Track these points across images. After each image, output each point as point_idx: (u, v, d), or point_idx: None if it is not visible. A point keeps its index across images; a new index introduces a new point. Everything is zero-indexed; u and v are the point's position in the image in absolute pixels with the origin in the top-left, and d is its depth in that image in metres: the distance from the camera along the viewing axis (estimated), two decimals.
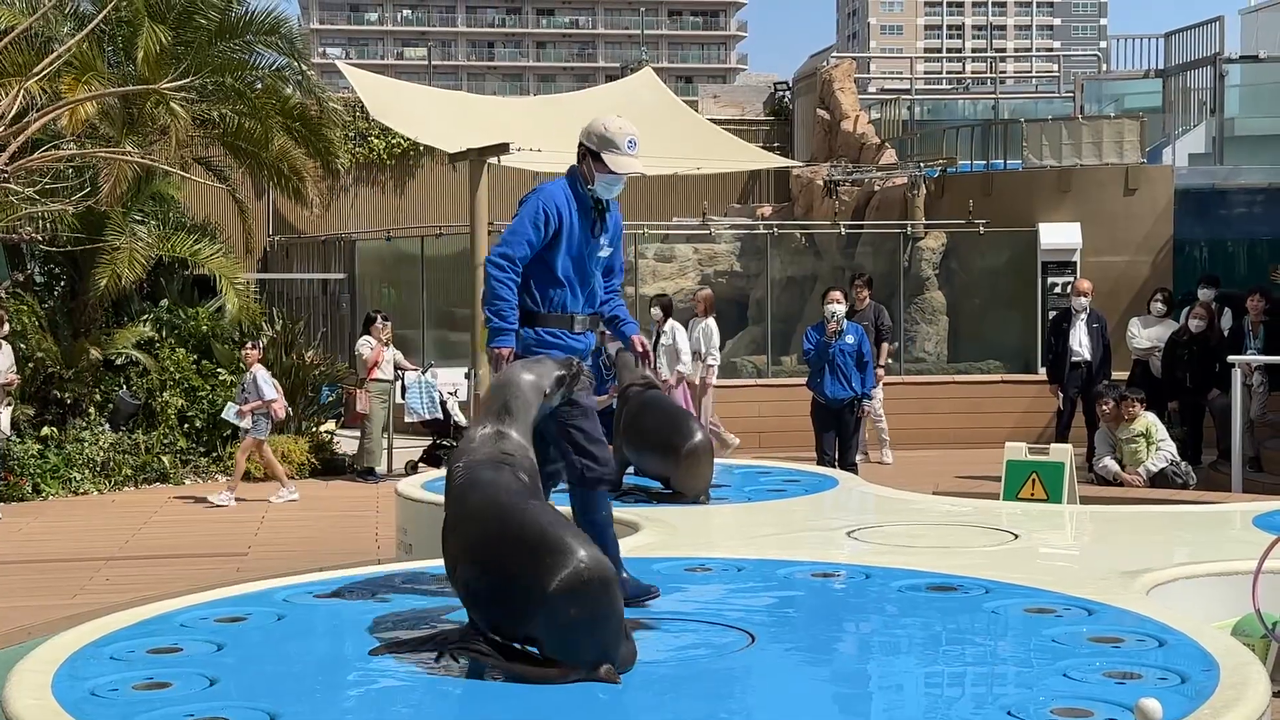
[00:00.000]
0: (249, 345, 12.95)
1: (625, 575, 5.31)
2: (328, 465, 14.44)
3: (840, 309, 11.45)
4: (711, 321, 14.19)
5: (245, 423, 12.54)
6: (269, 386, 12.55)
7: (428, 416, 14.27)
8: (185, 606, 5.36)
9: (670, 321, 13.71)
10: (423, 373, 14.44)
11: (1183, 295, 15.11)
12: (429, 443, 14.52)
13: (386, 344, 14.20)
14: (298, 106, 16.36)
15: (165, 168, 13.31)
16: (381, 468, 14.12)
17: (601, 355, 9.72)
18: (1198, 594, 6.01)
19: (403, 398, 14.19)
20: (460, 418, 14.50)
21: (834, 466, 10.95)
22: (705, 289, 15.12)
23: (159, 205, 15.44)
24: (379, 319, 14.26)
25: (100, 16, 13.03)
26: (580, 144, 5.44)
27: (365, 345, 14.09)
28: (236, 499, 12.49)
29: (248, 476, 13.89)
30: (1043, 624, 5.02)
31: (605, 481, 5.35)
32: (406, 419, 14.35)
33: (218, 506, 12.28)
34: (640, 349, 5.72)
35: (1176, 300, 14.77)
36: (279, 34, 15.85)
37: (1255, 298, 13.54)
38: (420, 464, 13.81)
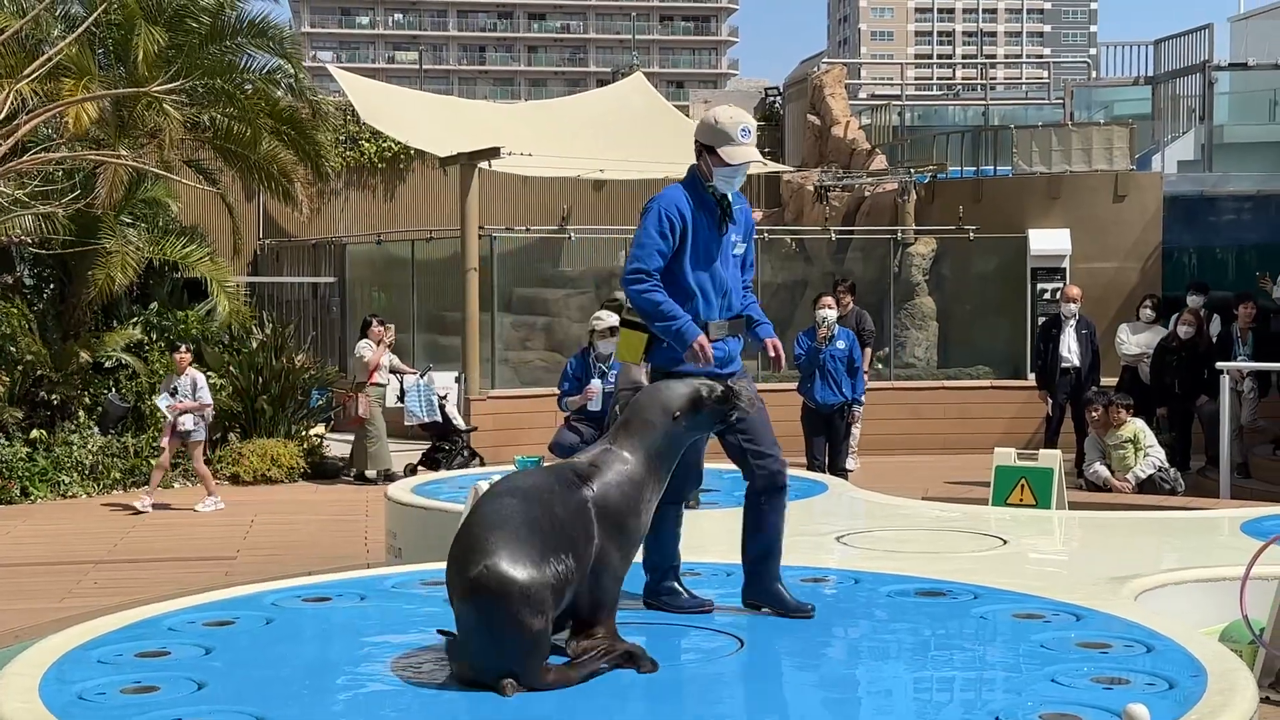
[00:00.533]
0: (182, 349, 12.70)
1: (678, 586, 5.30)
2: (318, 469, 14.43)
3: (831, 314, 11.48)
4: None
5: (188, 422, 12.39)
6: (207, 390, 12.55)
7: (426, 419, 14.27)
8: (173, 610, 5.34)
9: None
10: (421, 376, 14.44)
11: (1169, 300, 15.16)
12: (428, 446, 14.50)
13: (390, 347, 14.24)
14: (288, 109, 16.36)
15: (155, 171, 13.30)
16: (372, 471, 14.09)
17: (593, 353, 9.74)
18: (1186, 600, 6.02)
19: (401, 401, 14.18)
20: (459, 421, 14.49)
21: (824, 471, 10.96)
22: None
23: (150, 209, 15.43)
24: (375, 322, 14.24)
25: (91, 19, 13.03)
26: (695, 141, 5.29)
27: (366, 348, 14.04)
28: (223, 500, 12.47)
29: (237, 480, 13.90)
30: (1031, 629, 5.03)
31: (777, 488, 5.28)
32: (406, 422, 14.33)
33: (203, 513, 12.22)
34: (773, 353, 5.35)
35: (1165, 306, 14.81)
36: (268, 36, 15.86)
37: (1248, 305, 13.59)
38: (419, 467, 13.79)
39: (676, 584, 5.33)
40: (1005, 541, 7.16)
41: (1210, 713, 3.99)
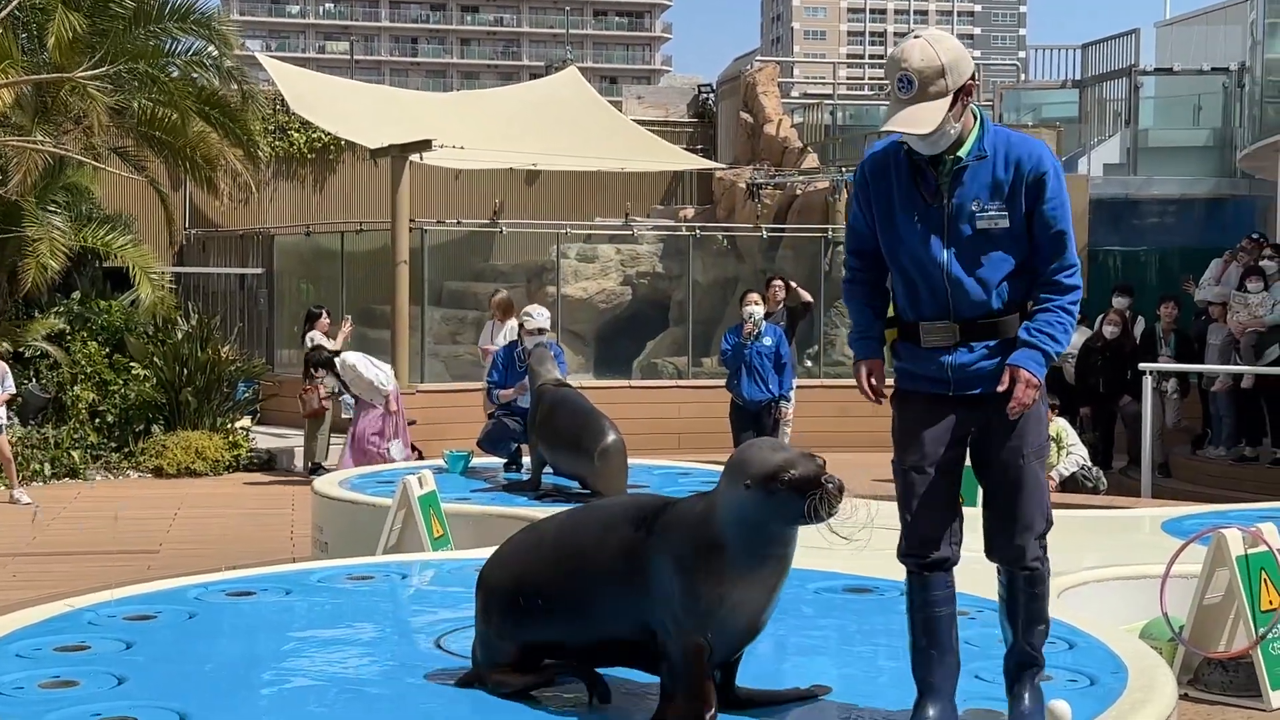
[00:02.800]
0: None
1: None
2: (245, 462, 14.29)
3: (758, 311, 11.39)
4: (513, 323, 13.15)
5: (0, 415, 12.14)
6: (11, 378, 12.35)
7: None
8: (94, 604, 5.27)
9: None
10: None
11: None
12: None
13: (348, 339, 14.13)
14: (216, 94, 16.15)
15: (79, 157, 13.10)
16: (301, 463, 13.99)
17: (518, 348, 9.68)
18: (1107, 597, 6.10)
19: (338, 394, 14.07)
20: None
21: None
22: (500, 292, 14.15)
23: (72, 196, 15.19)
24: (324, 314, 14.07)
25: (14, 3, 12.79)
26: None
27: (321, 341, 13.85)
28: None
29: (160, 472, 13.73)
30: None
31: (1026, 570, 4.01)
32: (344, 415, 14.22)
33: (27, 504, 11.91)
34: (1004, 384, 3.81)
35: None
36: (193, 20, 15.65)
37: (1169, 305, 13.80)
38: None
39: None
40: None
41: (1131, 709, 4.05)
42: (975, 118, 3.84)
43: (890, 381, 4.01)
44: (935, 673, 3.94)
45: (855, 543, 3.78)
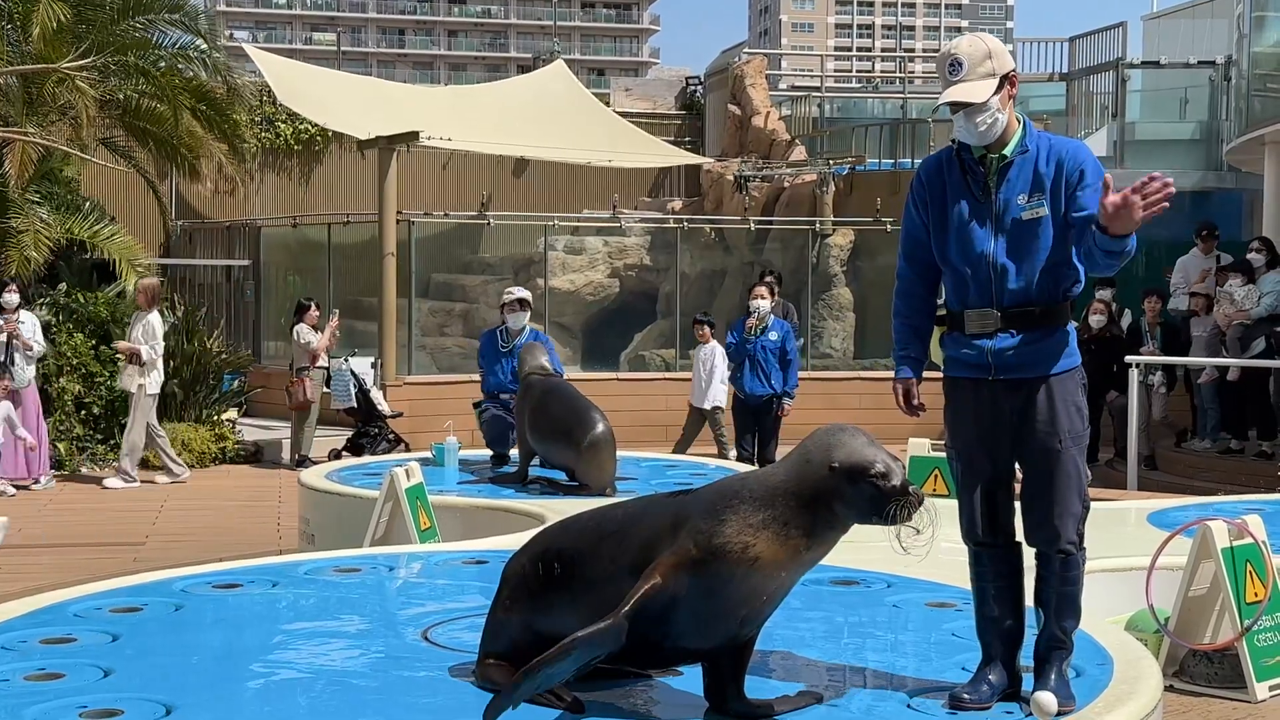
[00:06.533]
0: None
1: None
2: (232, 454, 14.26)
3: (765, 305, 11.27)
4: (154, 316, 12.68)
5: None
6: None
7: (343, 406, 14.17)
8: (79, 596, 5.25)
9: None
10: (343, 361, 14.32)
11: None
12: (353, 431, 14.36)
13: (335, 333, 14.09)
14: (204, 87, 16.12)
15: (65, 149, 13.04)
16: (288, 455, 13.96)
17: (500, 327, 9.66)
18: (1093, 589, 6.09)
19: (327, 386, 14.06)
20: (384, 406, 14.39)
21: (752, 463, 10.89)
22: (149, 278, 13.52)
23: (56, 187, 15.12)
24: (314, 306, 14.06)
25: None
26: None
27: (310, 333, 13.83)
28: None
29: (145, 464, 13.69)
30: (943, 618, 5.09)
31: (1061, 553, 4.16)
32: (332, 406, 14.21)
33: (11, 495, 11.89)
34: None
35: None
36: (183, 12, 15.62)
37: (1152, 299, 13.82)
38: (344, 452, 13.65)
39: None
40: (918, 531, 7.22)
41: (1117, 700, 4.06)
42: (1019, 121, 4.13)
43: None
44: (994, 640, 4.18)
45: (914, 556, 4.00)
